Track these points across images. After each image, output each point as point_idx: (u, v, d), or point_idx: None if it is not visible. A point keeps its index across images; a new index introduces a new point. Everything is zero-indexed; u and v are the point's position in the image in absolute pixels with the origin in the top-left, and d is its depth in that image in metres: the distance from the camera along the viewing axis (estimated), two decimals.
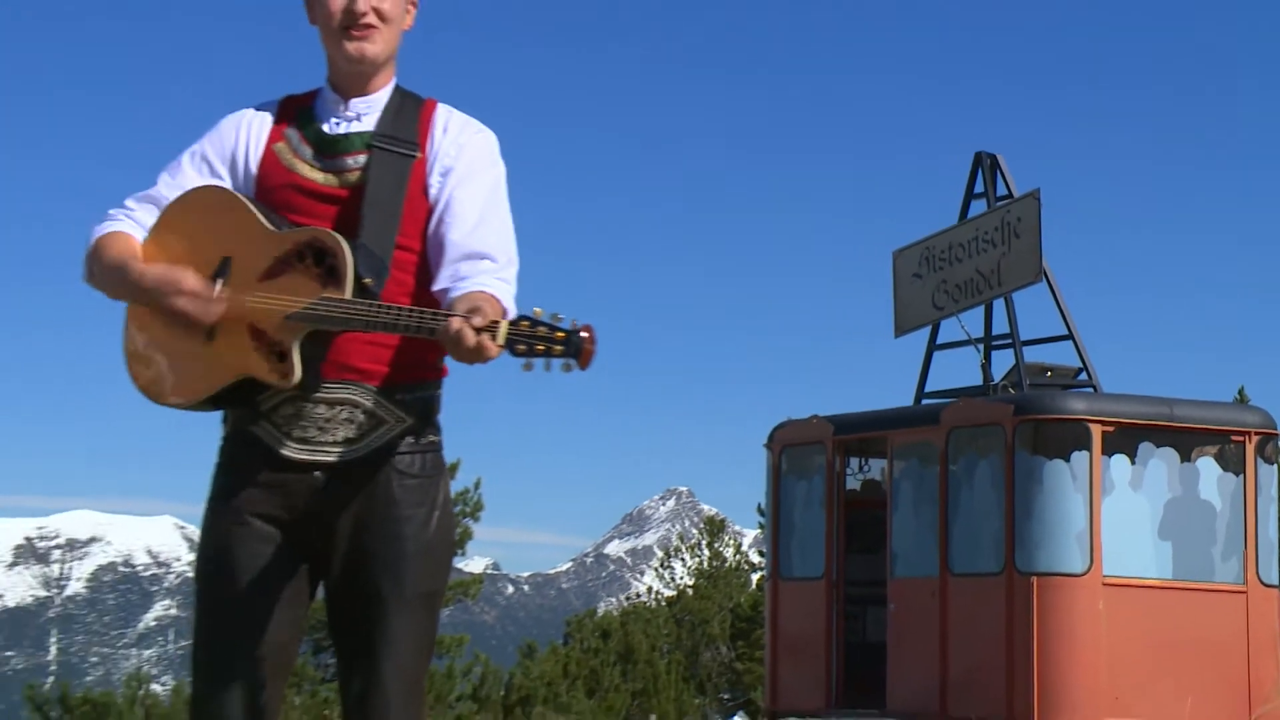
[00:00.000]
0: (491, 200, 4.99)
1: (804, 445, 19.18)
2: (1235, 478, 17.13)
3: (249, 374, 4.76)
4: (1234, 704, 16.54)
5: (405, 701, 4.98)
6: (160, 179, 5.03)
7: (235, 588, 4.95)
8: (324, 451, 4.84)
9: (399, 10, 4.99)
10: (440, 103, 5.12)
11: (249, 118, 5.05)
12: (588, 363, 4.45)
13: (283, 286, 4.72)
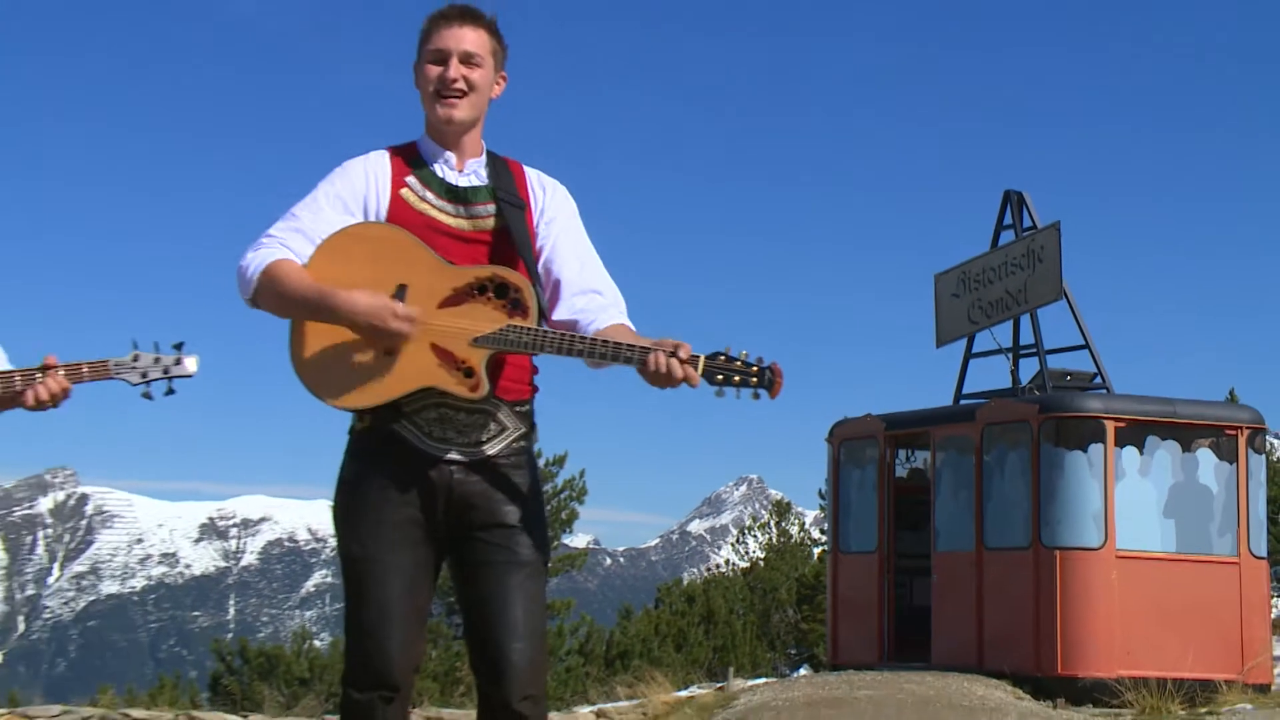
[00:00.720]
0: (586, 244, 5.12)
1: (859, 439, 19.11)
2: (1229, 466, 17.05)
3: (434, 385, 4.81)
4: (1228, 658, 16.42)
5: (536, 654, 5.02)
6: (299, 214, 5.00)
7: (378, 557, 5.00)
8: (459, 450, 4.89)
9: (487, 81, 5.04)
10: (521, 162, 5.18)
11: (371, 164, 5.06)
12: (777, 394, 4.58)
13: (464, 314, 4.77)
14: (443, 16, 5.02)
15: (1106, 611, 16.17)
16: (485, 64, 5.01)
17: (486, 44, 5.03)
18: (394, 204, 4.96)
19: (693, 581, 38.50)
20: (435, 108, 4.98)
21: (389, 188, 5.00)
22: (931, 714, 14.03)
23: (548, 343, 4.73)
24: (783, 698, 15.41)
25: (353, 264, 4.86)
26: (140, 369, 4.97)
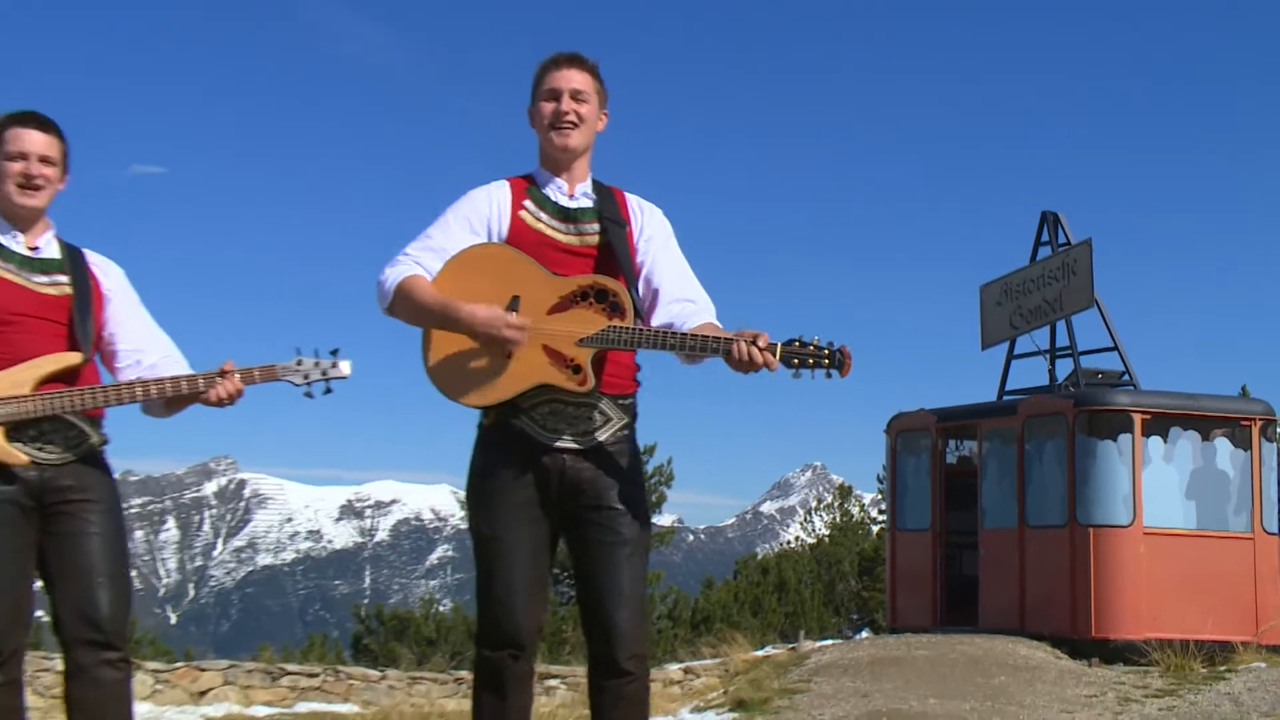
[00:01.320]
0: (680, 258, 5.21)
1: (914, 431, 18.98)
2: (1244, 453, 16.86)
3: (547, 382, 4.89)
4: (1244, 623, 16.17)
5: (640, 619, 5.11)
6: (431, 234, 5.12)
7: (503, 536, 5.07)
8: (570, 439, 4.95)
9: (593, 116, 5.16)
10: (622, 189, 5.26)
11: (493, 190, 5.16)
12: (847, 373, 4.59)
13: (570, 318, 4.87)
14: (554, 62, 5.17)
15: (1135, 581, 16.03)
16: (591, 101, 5.14)
17: (591, 84, 5.16)
18: (514, 224, 5.06)
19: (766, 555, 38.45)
20: (552, 137, 5.09)
21: (509, 210, 5.09)
22: (980, 671, 13.91)
23: (644, 339, 4.80)
24: (849, 657, 15.34)
25: (475, 278, 4.96)
26: (303, 372, 5.14)
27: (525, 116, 5.13)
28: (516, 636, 4.99)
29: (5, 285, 5.09)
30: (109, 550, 5.15)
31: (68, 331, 5.15)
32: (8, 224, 5.17)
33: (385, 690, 18.46)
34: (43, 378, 5.05)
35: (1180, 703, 12.38)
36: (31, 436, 5.03)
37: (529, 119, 5.16)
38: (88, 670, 5.05)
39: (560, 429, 4.96)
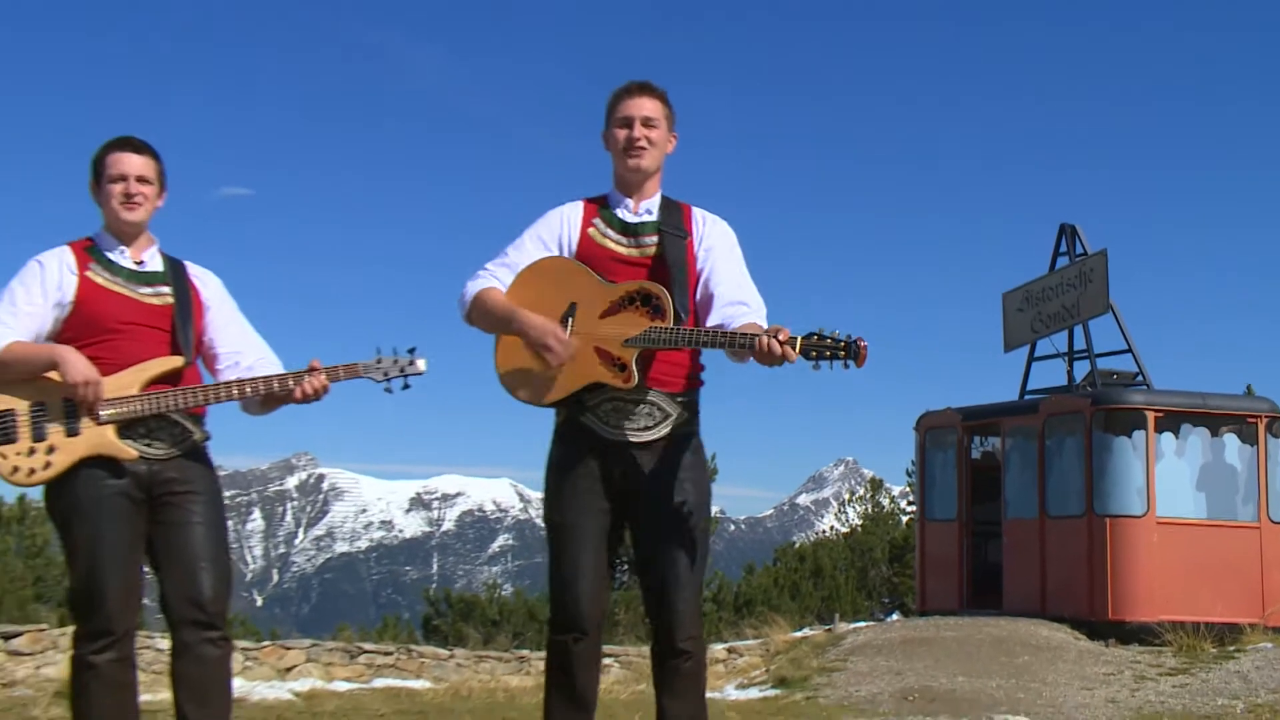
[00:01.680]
0: (740, 267, 5.18)
1: (941, 428, 18.90)
2: (1251, 448, 16.70)
3: (597, 380, 4.92)
4: (1251, 606, 16.06)
5: (696, 603, 5.11)
6: (509, 251, 5.20)
7: (573, 523, 5.10)
8: (632, 434, 4.97)
9: (663, 139, 5.20)
10: (692, 205, 5.26)
11: (567, 210, 5.22)
12: (863, 362, 4.53)
13: (619, 321, 4.92)
14: (626, 90, 5.22)
15: (1148, 567, 15.92)
16: (660, 126, 5.18)
17: (661, 110, 5.20)
18: (582, 240, 5.13)
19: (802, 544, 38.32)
20: (625, 160, 5.15)
21: (579, 227, 5.16)
22: (1005, 651, 13.85)
23: (680, 338, 4.81)
24: (882, 637, 15.30)
25: (541, 286, 5.06)
26: (383, 369, 5.14)
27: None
28: (580, 621, 5.01)
29: (114, 297, 5.13)
30: (211, 538, 5.17)
31: (171, 337, 5.18)
32: (115, 240, 5.21)
33: (454, 667, 18.51)
34: (149, 380, 5.08)
35: (1192, 680, 12.31)
36: (140, 434, 5.06)
37: (603, 143, 5.20)
38: (192, 648, 5.08)
39: (622, 424, 4.98)
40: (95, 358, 5.03)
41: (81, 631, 5.04)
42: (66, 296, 5.10)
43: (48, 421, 5.00)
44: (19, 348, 5.01)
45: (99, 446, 5.00)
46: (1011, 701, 11.18)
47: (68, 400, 4.99)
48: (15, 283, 5.13)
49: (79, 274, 5.13)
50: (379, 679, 15.71)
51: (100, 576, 4.98)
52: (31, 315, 5.08)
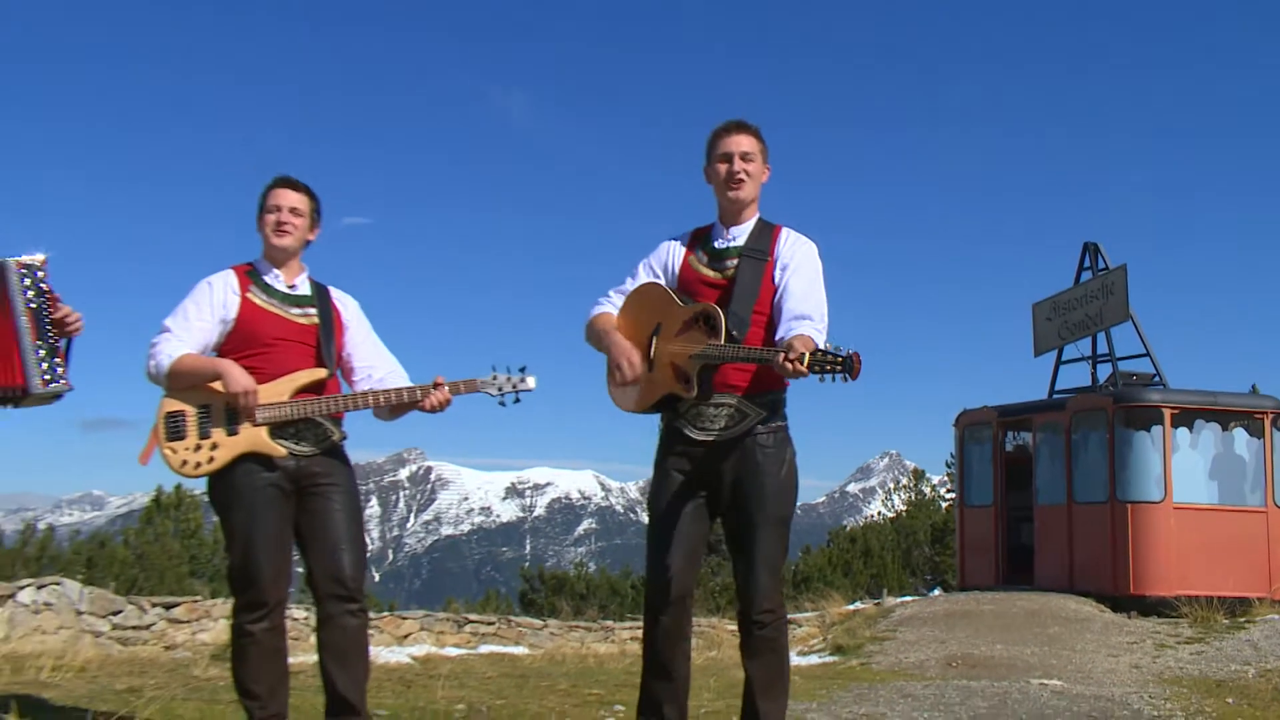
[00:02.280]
0: (814, 283, 5.10)
1: (978, 424, 18.69)
2: (1258, 440, 16.41)
3: (670, 392, 5.00)
4: (1259, 582, 15.78)
5: (771, 580, 5.10)
6: (628, 279, 5.28)
7: (667, 513, 5.14)
8: (716, 434, 4.98)
9: (759, 171, 5.20)
10: (784, 226, 5.23)
11: (672, 243, 5.31)
12: (856, 376, 4.50)
13: (686, 340, 4.98)
14: (725, 129, 5.22)
15: (1166, 547, 15.68)
16: (756, 159, 5.19)
17: (756, 145, 5.22)
18: (683, 267, 5.20)
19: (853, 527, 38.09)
20: (726, 193, 5.16)
21: (682, 256, 5.23)
22: (1038, 622, 13.74)
23: (725, 354, 4.83)
24: (927, 610, 15.22)
25: (638, 311, 5.16)
26: (497, 385, 5.21)
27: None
28: (662, 596, 5.06)
29: (269, 316, 5.24)
30: (349, 523, 5.24)
31: (316, 352, 5.27)
32: (271, 266, 5.31)
33: (548, 636, 18.61)
34: (297, 388, 5.17)
35: (1207, 648, 12.17)
36: (289, 434, 5.15)
37: (705, 177, 5.24)
38: (335, 618, 5.16)
39: (707, 426, 5.00)
40: (252, 368, 5.13)
41: (239, 604, 5.14)
42: (230, 314, 5.21)
43: (211, 423, 5.10)
44: (189, 360, 5.12)
45: (254, 445, 5.10)
46: (1045, 667, 11.10)
47: (229, 405, 5.10)
48: (188, 301, 5.23)
49: (241, 295, 5.23)
50: (484, 645, 15.82)
51: (255, 556, 5.08)
52: (201, 330, 5.19)
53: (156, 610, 14.25)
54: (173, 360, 5.11)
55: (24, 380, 4.83)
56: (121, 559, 21.29)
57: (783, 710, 5.14)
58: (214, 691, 7.08)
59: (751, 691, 5.10)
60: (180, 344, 5.14)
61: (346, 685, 5.15)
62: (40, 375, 4.87)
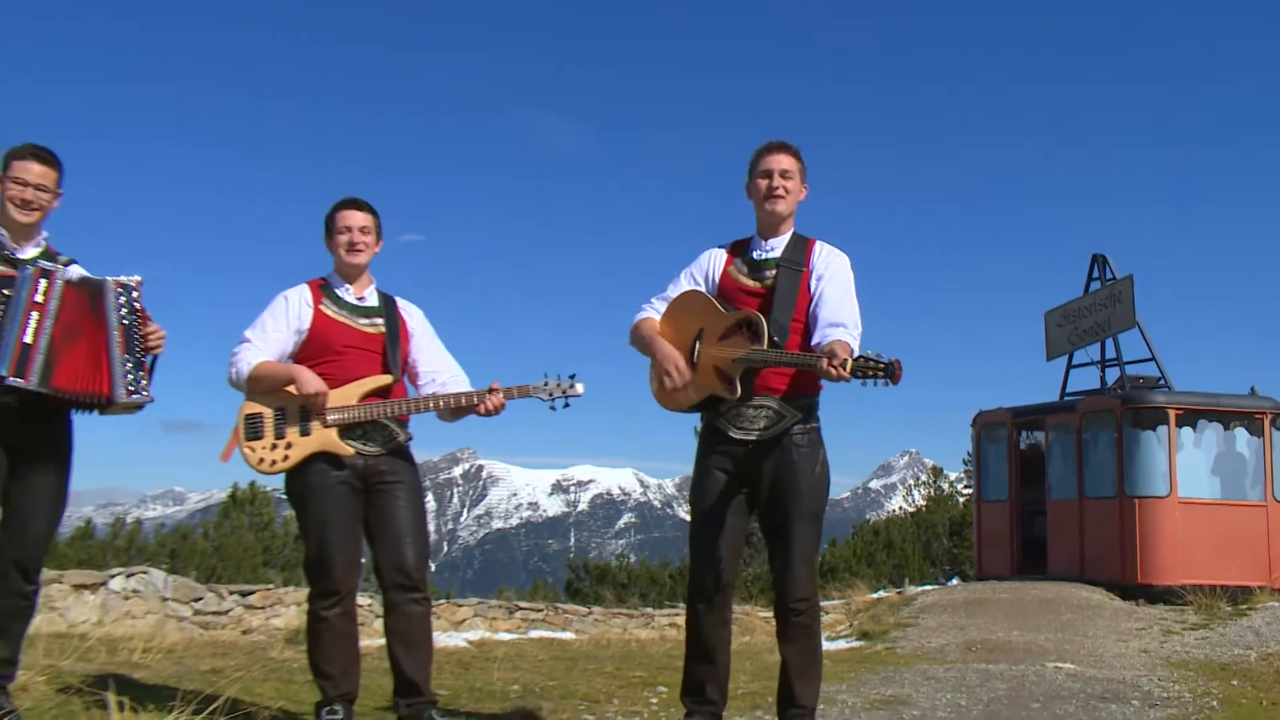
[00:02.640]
0: (847, 293, 5.07)
1: (994, 424, 18.60)
2: (1257, 439, 16.29)
3: (714, 393, 4.94)
4: (1260, 571, 15.66)
5: (806, 571, 5.10)
6: (669, 287, 5.25)
7: (708, 508, 5.13)
8: (756, 433, 4.97)
9: (797, 188, 5.17)
10: (818, 239, 5.18)
11: (713, 254, 5.24)
12: (898, 381, 4.48)
13: (731, 344, 4.94)
14: (766, 148, 5.19)
15: (1171, 539, 15.57)
16: (795, 177, 5.20)
17: (795, 164, 5.20)
18: (723, 276, 5.17)
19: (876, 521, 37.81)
20: (765, 207, 5.15)
21: (722, 266, 5.20)
22: (1051, 610, 13.64)
23: (769, 358, 4.81)
24: (946, 599, 15.14)
25: (681, 317, 5.15)
26: (548, 390, 5.20)
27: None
28: (703, 588, 5.06)
29: (340, 326, 5.27)
30: (413, 518, 5.26)
31: (383, 359, 5.29)
32: (342, 280, 5.35)
33: (592, 622, 18.59)
34: (365, 393, 5.20)
35: (1211, 634, 12.06)
36: (357, 435, 5.17)
37: (746, 192, 5.21)
38: (400, 606, 5.19)
39: (747, 426, 4.98)
40: (323, 374, 5.16)
41: (314, 592, 5.16)
42: (304, 325, 5.25)
43: (286, 424, 5.14)
44: (266, 366, 5.16)
45: (325, 445, 5.13)
46: (1059, 651, 11.02)
47: (302, 407, 5.14)
48: (266, 314, 5.27)
49: (314, 307, 5.27)
50: (533, 631, 15.83)
51: (329, 548, 5.11)
52: (277, 340, 5.23)
53: (234, 597, 14.34)
54: (251, 367, 5.15)
55: (110, 390, 4.87)
56: (201, 550, 21.45)
57: (816, 691, 5.13)
58: (290, 672, 7.12)
59: (788, 674, 5.10)
60: (258, 352, 5.19)
61: (412, 667, 5.19)
62: (125, 386, 4.91)
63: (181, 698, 5.11)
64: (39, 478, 4.91)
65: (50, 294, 4.82)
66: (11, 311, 4.74)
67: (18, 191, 4.90)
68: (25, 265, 4.87)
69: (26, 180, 4.91)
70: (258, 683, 6.55)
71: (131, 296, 5.00)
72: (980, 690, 8.09)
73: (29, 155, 4.94)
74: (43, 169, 4.94)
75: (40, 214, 4.97)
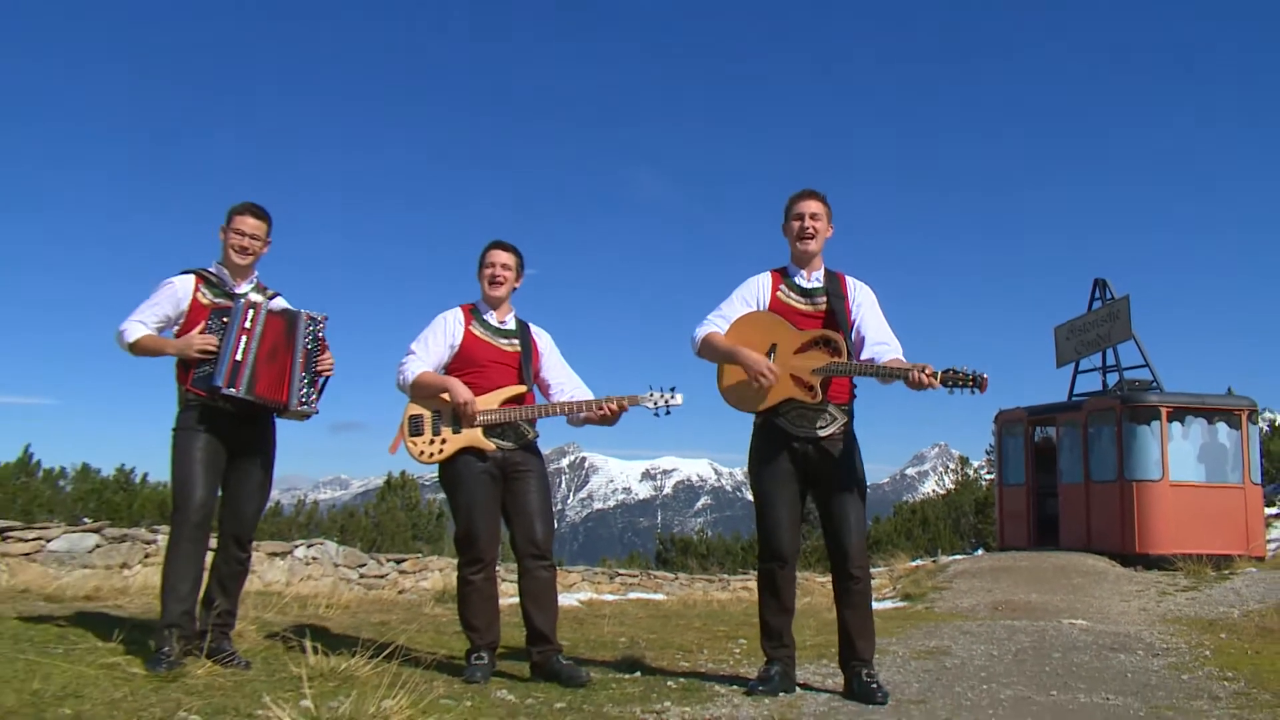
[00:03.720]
0: (880, 316, 5.03)
1: (1013, 421, 18.26)
2: (1236, 432, 15.81)
3: (792, 397, 4.88)
4: (1239, 542, 15.21)
5: (860, 544, 5.06)
6: (723, 308, 5.10)
7: (772, 490, 5.10)
8: (810, 431, 4.95)
9: (824, 228, 5.07)
10: (845, 273, 5.11)
11: (760, 279, 5.12)
12: (985, 390, 4.46)
13: (808, 357, 4.86)
14: (799, 196, 5.15)
15: (1164, 515, 15.17)
16: (822, 219, 5.12)
17: (823, 209, 5.14)
18: (773, 300, 5.08)
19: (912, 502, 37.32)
20: (798, 244, 5.11)
21: (770, 291, 5.10)
22: (1064, 575, 13.40)
23: (852, 368, 4.77)
24: (975, 566, 14.91)
25: (750, 332, 5.03)
26: (653, 400, 5.15)
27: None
28: (781, 552, 5.04)
29: (485, 345, 5.35)
30: (541, 501, 5.31)
31: (518, 373, 5.36)
32: (488, 307, 5.41)
33: (678, 585, 18.56)
34: (504, 400, 5.27)
35: (1199, 594, 11.77)
36: (497, 434, 5.24)
37: (783, 231, 5.16)
38: (532, 571, 5.25)
39: (803, 425, 4.97)
40: (469, 382, 5.24)
41: (463, 560, 5.24)
42: (456, 342, 5.32)
43: (441, 423, 5.23)
44: (426, 376, 5.25)
45: (472, 441, 5.21)
46: (1072, 610, 10.82)
47: (454, 410, 5.24)
48: (428, 331, 5.35)
49: (465, 328, 5.35)
50: (631, 592, 15.85)
51: (475, 525, 5.17)
52: (435, 353, 5.31)
53: (390, 564, 14.54)
54: (415, 376, 5.25)
55: (287, 399, 5.02)
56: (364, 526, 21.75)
57: (872, 645, 5.12)
58: (441, 625, 7.23)
59: (847, 632, 5.09)
60: (421, 364, 5.28)
61: (542, 621, 5.23)
62: (298, 398, 5.05)
63: (360, 645, 5.22)
64: (250, 469, 5.07)
65: (256, 321, 4.99)
66: (227, 335, 4.93)
67: (236, 240, 5.08)
68: (239, 299, 5.04)
69: (244, 231, 5.09)
70: (418, 634, 6.66)
71: (316, 328, 5.14)
72: (1008, 642, 7.98)
73: (246, 211, 5.12)
74: (256, 222, 5.12)
75: (253, 258, 5.15)
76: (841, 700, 4.99)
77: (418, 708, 3.87)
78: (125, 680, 4.31)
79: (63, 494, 18.32)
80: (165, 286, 5.04)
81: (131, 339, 4.91)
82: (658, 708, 4.65)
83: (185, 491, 4.81)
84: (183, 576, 4.78)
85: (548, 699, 4.73)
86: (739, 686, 5.26)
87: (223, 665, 4.79)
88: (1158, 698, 5.46)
